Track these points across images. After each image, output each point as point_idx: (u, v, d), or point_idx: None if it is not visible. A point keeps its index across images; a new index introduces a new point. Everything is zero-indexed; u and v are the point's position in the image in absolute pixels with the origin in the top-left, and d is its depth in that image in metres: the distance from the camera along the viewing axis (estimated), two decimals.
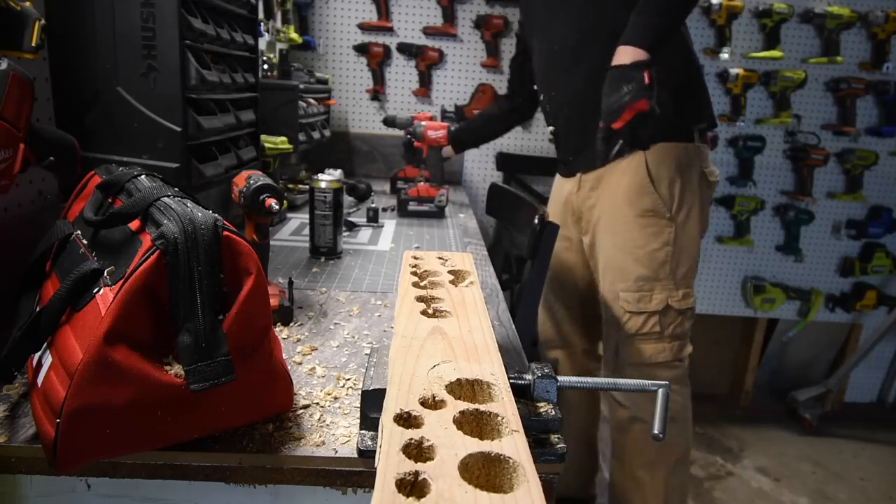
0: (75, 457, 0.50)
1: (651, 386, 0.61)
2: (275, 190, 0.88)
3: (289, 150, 1.62)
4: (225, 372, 0.52)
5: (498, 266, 1.92)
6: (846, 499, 2.16)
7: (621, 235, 1.40)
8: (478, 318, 0.62)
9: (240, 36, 1.20)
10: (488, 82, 2.42)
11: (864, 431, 2.58)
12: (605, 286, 1.45)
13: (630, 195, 1.38)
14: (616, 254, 1.41)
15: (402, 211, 1.75)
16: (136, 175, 0.66)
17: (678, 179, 1.36)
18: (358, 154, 2.46)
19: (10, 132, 0.67)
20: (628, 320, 1.40)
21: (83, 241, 0.64)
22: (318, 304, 1.00)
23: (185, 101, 0.97)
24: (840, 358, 2.75)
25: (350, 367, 0.78)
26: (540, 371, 0.59)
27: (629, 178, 1.38)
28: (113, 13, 0.92)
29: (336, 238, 1.26)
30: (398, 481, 0.35)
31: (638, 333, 1.39)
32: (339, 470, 0.59)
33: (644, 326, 1.39)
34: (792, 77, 2.37)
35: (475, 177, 2.52)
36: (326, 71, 2.39)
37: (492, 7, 2.36)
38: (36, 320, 0.56)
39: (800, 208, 2.51)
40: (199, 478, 0.58)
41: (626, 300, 1.39)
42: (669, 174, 1.35)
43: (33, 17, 0.74)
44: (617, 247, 1.41)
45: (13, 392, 0.65)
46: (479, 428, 0.44)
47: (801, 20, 2.37)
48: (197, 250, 0.52)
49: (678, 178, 1.36)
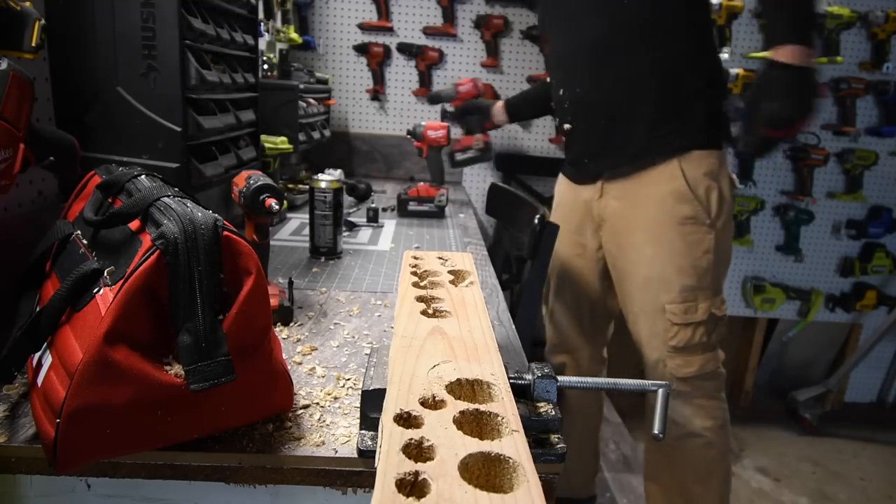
0: (75, 457, 0.50)
1: (651, 386, 0.61)
2: (275, 190, 0.88)
3: (289, 150, 1.62)
4: (225, 372, 0.52)
5: (498, 266, 1.92)
6: (846, 499, 2.16)
7: (663, 246, 1.32)
8: (478, 318, 0.62)
9: (240, 36, 1.20)
10: (488, 82, 2.42)
11: (864, 431, 2.58)
12: (646, 299, 1.36)
13: (668, 204, 1.30)
14: (658, 265, 1.33)
15: (402, 211, 1.75)
16: (136, 175, 0.66)
17: (714, 186, 1.30)
18: (358, 154, 2.46)
19: (10, 132, 0.67)
20: (676, 333, 1.32)
21: (83, 241, 0.64)
22: (318, 304, 1.00)
23: (185, 101, 0.97)
24: (840, 358, 2.75)
25: (350, 367, 0.78)
26: (540, 371, 0.59)
27: (665, 186, 1.31)
28: (113, 13, 0.92)
29: (336, 238, 1.26)
30: (398, 481, 0.35)
31: (687, 346, 1.33)
32: (339, 470, 0.59)
33: (693, 338, 1.32)
34: None
35: (475, 177, 2.52)
36: (326, 71, 2.39)
37: (492, 7, 2.36)
38: (36, 320, 0.56)
39: (800, 208, 2.51)
40: (199, 478, 0.58)
41: (674, 312, 1.32)
42: (706, 181, 1.30)
43: (33, 17, 0.74)
44: (658, 257, 1.33)
45: (13, 392, 0.65)
46: (479, 428, 0.44)
47: None
48: (197, 250, 0.52)
49: (714, 185, 1.30)
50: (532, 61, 2.41)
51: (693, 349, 1.33)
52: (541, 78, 2.40)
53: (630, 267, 1.39)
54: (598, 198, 1.44)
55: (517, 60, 2.42)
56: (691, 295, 1.31)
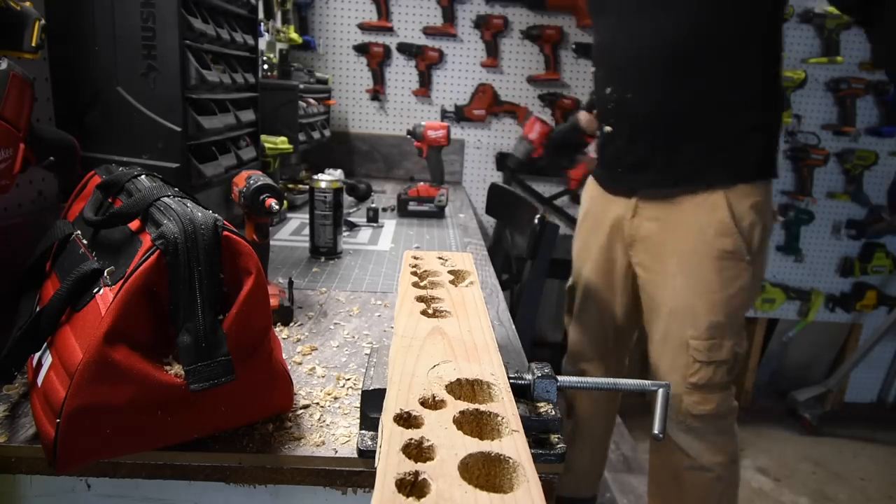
0: (75, 457, 0.50)
1: (651, 386, 0.61)
2: (275, 190, 0.88)
3: (289, 150, 1.62)
4: (225, 372, 0.52)
5: (498, 266, 1.92)
6: (846, 499, 2.16)
7: (695, 278, 1.24)
8: (478, 318, 0.62)
9: (240, 36, 1.20)
10: (488, 82, 2.42)
11: (864, 431, 2.58)
12: (671, 330, 1.29)
13: (708, 235, 1.22)
14: (688, 297, 1.25)
15: (402, 211, 1.75)
16: (136, 175, 0.66)
17: (759, 221, 1.22)
18: (358, 154, 2.46)
19: (10, 132, 0.68)
20: (698, 370, 1.26)
21: (83, 241, 0.64)
22: (318, 304, 1.00)
23: (185, 101, 0.97)
24: (840, 358, 2.76)
25: (350, 367, 0.78)
26: (540, 371, 0.59)
27: (707, 215, 1.22)
28: (113, 13, 0.92)
29: (336, 238, 1.26)
30: (398, 481, 0.35)
31: (707, 384, 1.26)
32: (339, 470, 0.59)
33: (714, 377, 1.26)
34: (792, 77, 2.38)
35: (475, 177, 2.52)
36: (326, 71, 2.39)
37: (492, 7, 2.36)
38: (36, 320, 0.56)
39: (800, 208, 2.51)
40: (199, 478, 0.58)
41: (697, 349, 1.25)
42: (752, 215, 1.21)
43: (33, 17, 0.74)
44: (690, 289, 1.25)
45: (13, 392, 0.65)
46: (479, 428, 0.44)
47: (801, 20, 2.37)
48: (197, 250, 0.52)
49: (759, 220, 1.22)
50: (532, 61, 2.41)
51: (712, 388, 1.27)
52: (540, 78, 2.41)
53: (658, 293, 1.32)
54: (630, 217, 1.34)
55: (517, 60, 2.42)
56: (718, 332, 1.25)
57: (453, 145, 2.29)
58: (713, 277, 1.23)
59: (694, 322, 1.25)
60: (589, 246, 1.47)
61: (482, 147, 2.50)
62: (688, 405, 1.28)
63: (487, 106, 2.43)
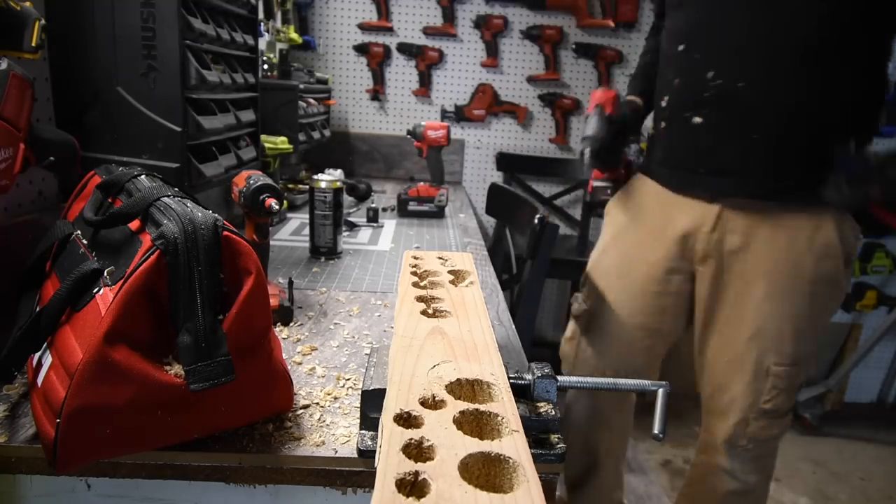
0: (75, 457, 0.50)
1: (651, 386, 0.61)
2: (275, 190, 0.88)
3: (289, 150, 1.62)
4: (225, 372, 0.52)
5: (498, 266, 1.92)
6: (846, 499, 2.16)
7: (787, 302, 1.12)
8: (478, 318, 0.62)
9: (240, 36, 1.20)
10: (488, 82, 2.42)
11: (864, 431, 2.58)
12: (748, 354, 1.16)
13: (809, 258, 1.09)
14: (776, 322, 1.13)
15: (402, 211, 1.75)
16: (136, 175, 0.66)
17: (855, 243, 1.13)
18: (358, 154, 2.46)
19: (10, 132, 0.68)
20: (775, 397, 1.16)
21: (83, 241, 0.64)
22: (318, 304, 1.00)
23: (185, 101, 0.97)
24: (840, 358, 2.75)
25: (350, 367, 0.78)
26: (540, 371, 0.59)
27: (809, 235, 1.09)
28: (113, 13, 0.92)
29: (336, 238, 1.26)
30: (398, 481, 0.35)
31: (779, 410, 1.18)
32: (339, 470, 0.59)
33: (786, 403, 1.18)
34: None
35: (475, 177, 2.52)
36: (326, 71, 2.39)
37: (492, 7, 2.36)
38: (36, 320, 0.56)
39: None
40: (199, 478, 0.58)
41: (779, 376, 1.15)
42: (855, 234, 1.12)
43: (33, 17, 0.74)
44: (779, 314, 1.13)
45: (13, 392, 0.65)
46: (479, 428, 0.44)
47: None
48: (197, 250, 0.52)
49: (855, 242, 1.13)
50: (532, 61, 2.41)
51: (784, 413, 1.21)
52: (540, 77, 2.41)
53: (735, 314, 1.18)
54: (708, 230, 1.16)
55: (517, 60, 2.41)
56: (803, 360, 1.16)
57: (453, 145, 2.29)
58: (807, 304, 1.12)
59: (779, 350, 1.14)
60: (633, 260, 1.30)
61: (482, 147, 2.50)
62: (753, 431, 1.20)
63: (487, 106, 2.43)
